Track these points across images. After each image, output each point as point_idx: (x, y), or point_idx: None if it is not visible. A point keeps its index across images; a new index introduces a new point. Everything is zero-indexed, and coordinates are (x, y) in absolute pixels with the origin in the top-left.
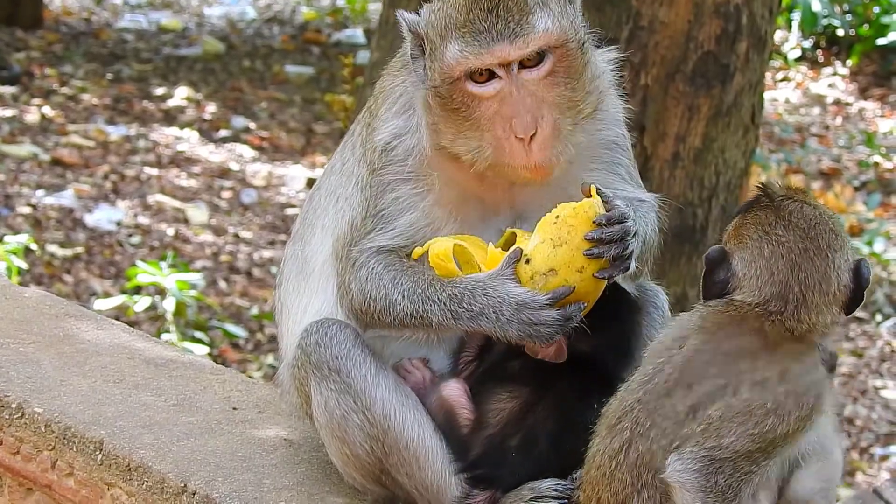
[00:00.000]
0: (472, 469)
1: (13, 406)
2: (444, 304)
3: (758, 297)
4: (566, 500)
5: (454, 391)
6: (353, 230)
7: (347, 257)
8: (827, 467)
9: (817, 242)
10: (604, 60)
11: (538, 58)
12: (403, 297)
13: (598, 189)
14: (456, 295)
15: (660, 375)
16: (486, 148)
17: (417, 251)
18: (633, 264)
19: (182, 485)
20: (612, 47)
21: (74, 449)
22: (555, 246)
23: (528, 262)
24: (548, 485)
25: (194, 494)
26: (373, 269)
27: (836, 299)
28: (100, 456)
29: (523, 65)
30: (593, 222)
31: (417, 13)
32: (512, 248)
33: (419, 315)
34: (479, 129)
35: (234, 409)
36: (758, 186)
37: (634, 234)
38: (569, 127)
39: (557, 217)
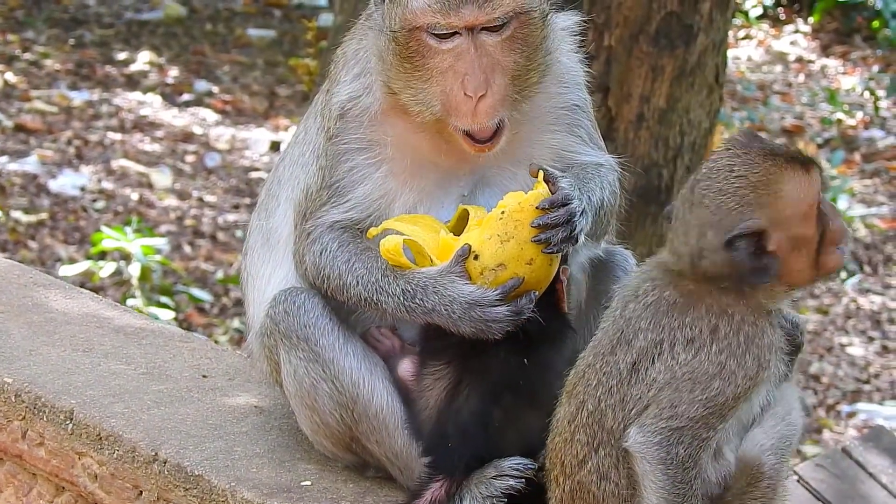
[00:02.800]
0: (428, 453)
1: None
2: (398, 297)
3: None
4: (527, 479)
5: (405, 371)
6: (308, 199)
7: (302, 228)
8: (779, 426)
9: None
10: (565, 24)
11: (501, 22)
12: (357, 283)
13: (543, 169)
14: (409, 290)
15: (605, 335)
16: (434, 101)
17: (372, 231)
18: (581, 239)
19: (153, 453)
20: (574, 8)
21: (45, 419)
22: (502, 241)
23: (476, 258)
24: (509, 463)
25: (165, 463)
26: (327, 245)
27: None
28: (70, 425)
29: (484, 27)
30: (537, 208)
31: None
32: (461, 245)
33: (373, 302)
34: (429, 81)
35: (204, 376)
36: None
37: (582, 213)
38: (516, 95)
39: (503, 212)
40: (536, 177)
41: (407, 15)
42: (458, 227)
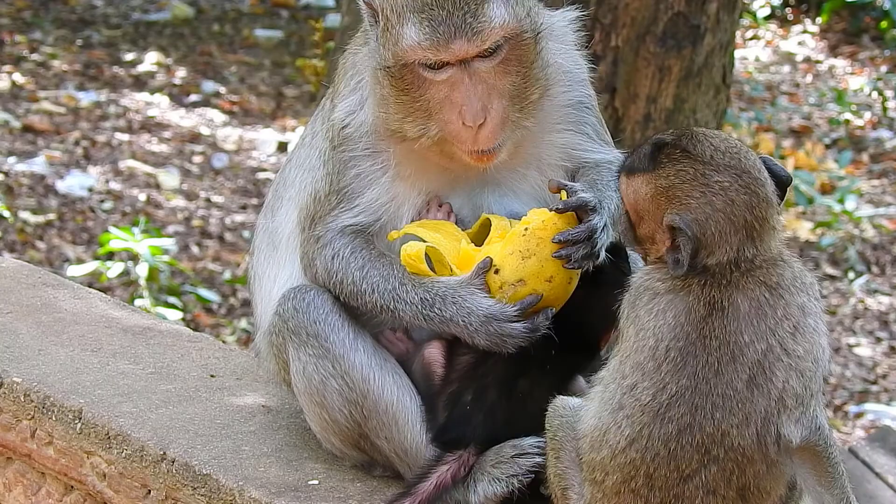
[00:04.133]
0: (441, 434)
1: None
2: (416, 306)
3: (731, 252)
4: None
5: (434, 351)
6: (317, 203)
7: (312, 232)
8: None
9: (749, 172)
10: (564, 21)
11: (492, 48)
12: (374, 291)
13: (562, 186)
14: (427, 299)
15: (697, 357)
16: (433, 129)
17: (393, 234)
18: (602, 256)
19: (161, 452)
20: (576, 7)
21: (53, 418)
22: (524, 258)
23: (497, 272)
24: (530, 441)
25: (173, 462)
26: (338, 251)
27: (777, 210)
28: (79, 425)
29: (477, 54)
30: (555, 240)
31: None
32: (482, 257)
33: (389, 311)
34: (427, 112)
35: (212, 376)
36: (649, 143)
37: (603, 229)
38: (517, 114)
39: (526, 229)
40: (557, 193)
41: (398, 52)
42: (480, 235)
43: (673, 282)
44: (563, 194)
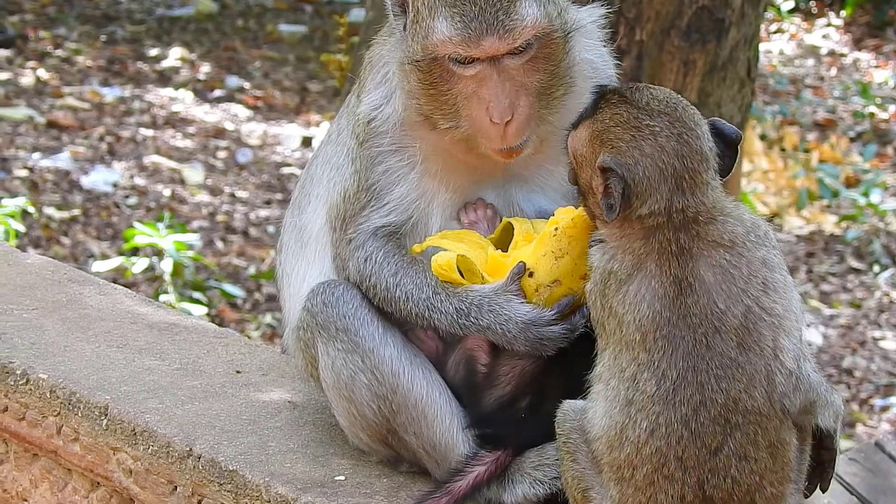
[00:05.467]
0: (482, 427)
1: (18, 372)
2: (451, 315)
3: (661, 201)
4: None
5: (478, 341)
6: (346, 201)
7: (343, 233)
8: None
9: (683, 122)
10: (590, 18)
11: (523, 46)
12: (408, 299)
13: None
14: (463, 309)
15: (685, 338)
16: (462, 123)
17: (416, 248)
18: None
19: (187, 448)
20: (602, 3)
21: (80, 414)
22: (556, 258)
23: (531, 275)
24: None
25: (199, 458)
26: (371, 254)
27: (714, 169)
28: (105, 421)
29: (507, 52)
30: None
31: None
32: (514, 262)
33: (425, 319)
34: (455, 105)
35: (238, 372)
36: (594, 91)
37: None
38: (543, 110)
39: (556, 229)
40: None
41: (428, 45)
42: (503, 240)
43: (626, 257)
44: None
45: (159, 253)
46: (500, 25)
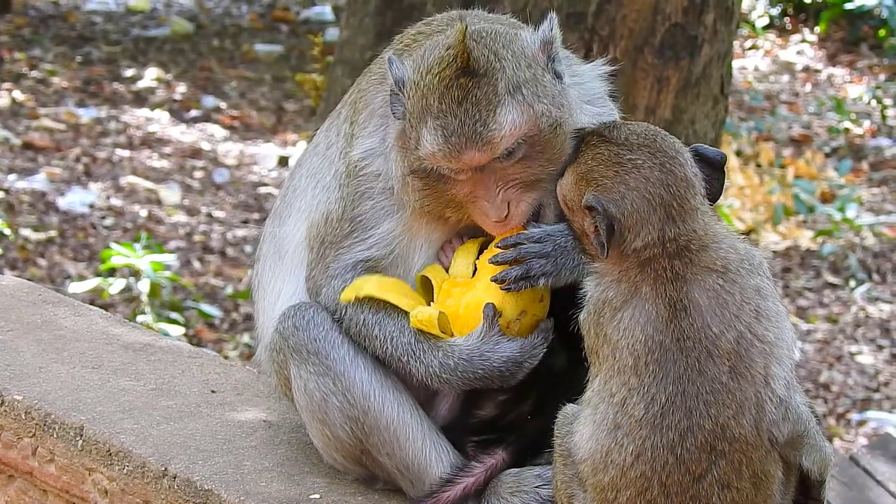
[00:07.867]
0: (483, 431)
1: None
2: (434, 368)
3: (653, 232)
4: None
5: None
6: (328, 225)
7: (321, 257)
8: None
9: (665, 151)
10: (595, 74)
11: (508, 151)
12: (387, 340)
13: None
14: (448, 364)
15: (677, 363)
16: (464, 214)
17: (346, 296)
18: (542, 281)
19: (163, 468)
20: (578, 22)
21: (55, 435)
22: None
23: (500, 315)
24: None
25: (175, 478)
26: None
27: (701, 193)
28: (80, 442)
29: (491, 160)
30: (496, 245)
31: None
32: (471, 310)
33: (401, 363)
34: (453, 202)
35: (213, 391)
36: (575, 136)
37: (543, 256)
38: (543, 184)
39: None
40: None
41: (420, 155)
42: (427, 294)
43: (622, 285)
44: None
45: (136, 273)
46: (478, 138)
